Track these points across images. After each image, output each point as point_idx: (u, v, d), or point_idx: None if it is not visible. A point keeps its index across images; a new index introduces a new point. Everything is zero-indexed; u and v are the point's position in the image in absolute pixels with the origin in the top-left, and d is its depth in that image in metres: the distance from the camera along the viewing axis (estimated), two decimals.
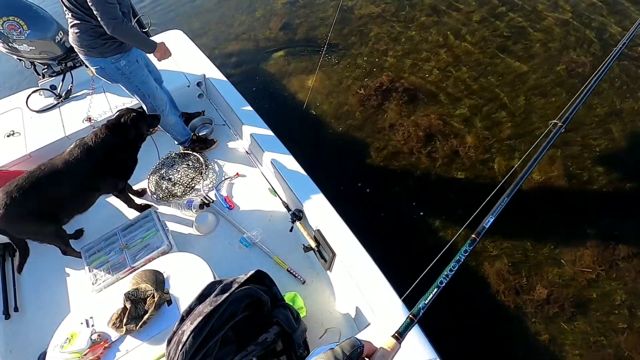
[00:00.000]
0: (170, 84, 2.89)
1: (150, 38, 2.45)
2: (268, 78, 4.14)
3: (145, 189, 2.69)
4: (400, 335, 0.78)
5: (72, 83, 3.12)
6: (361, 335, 1.53)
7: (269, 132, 2.52)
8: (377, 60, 4.00)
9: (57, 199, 2.06)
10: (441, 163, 3.04)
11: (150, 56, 2.41)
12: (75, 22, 2.09)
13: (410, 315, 0.83)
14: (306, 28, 4.63)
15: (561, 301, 2.27)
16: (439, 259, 1.26)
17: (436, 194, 2.90)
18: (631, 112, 3.15)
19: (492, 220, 1.08)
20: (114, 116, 2.24)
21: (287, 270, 2.12)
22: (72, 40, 2.19)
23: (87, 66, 2.35)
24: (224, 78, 3.08)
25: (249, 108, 2.75)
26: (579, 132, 3.07)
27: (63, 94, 3.11)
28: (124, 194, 2.39)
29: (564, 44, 3.78)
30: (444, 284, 0.89)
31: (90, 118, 2.88)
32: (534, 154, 1.37)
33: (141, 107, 2.54)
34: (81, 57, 2.26)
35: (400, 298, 1.54)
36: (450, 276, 0.91)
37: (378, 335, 1.49)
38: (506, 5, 4.27)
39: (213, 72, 3.13)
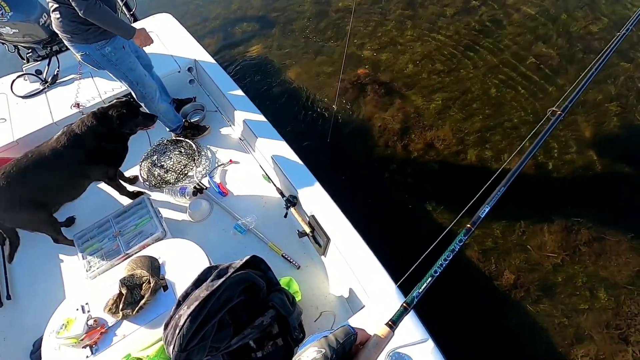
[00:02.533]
0: (160, 70, 2.84)
1: (134, 23, 2.38)
2: (244, 73, 4.12)
3: (137, 176, 2.67)
4: (393, 324, 0.79)
5: (58, 68, 3.04)
6: (355, 318, 1.57)
7: (262, 118, 2.50)
8: (353, 54, 4.03)
9: (45, 187, 2.03)
10: (417, 155, 3.11)
11: None
12: (55, 5, 2.00)
13: (404, 304, 0.84)
14: (283, 21, 4.59)
15: (527, 285, 2.37)
16: (435, 247, 1.27)
17: (428, 184, 2.95)
18: (595, 103, 3.24)
19: (487, 209, 1.08)
20: (107, 105, 2.19)
21: (282, 255, 2.14)
22: (54, 25, 2.11)
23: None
24: (215, 63, 3.02)
25: (241, 93, 2.72)
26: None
27: (49, 79, 3.03)
28: (115, 181, 2.36)
29: (533, 38, 3.87)
30: (438, 274, 0.90)
31: (78, 104, 2.81)
32: (523, 148, 1.38)
33: (132, 98, 2.48)
34: (65, 43, 2.19)
35: (396, 284, 1.57)
36: (444, 266, 0.92)
37: (372, 319, 1.54)
38: (478, 0, 4.36)
39: (204, 57, 3.07)
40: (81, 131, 2.06)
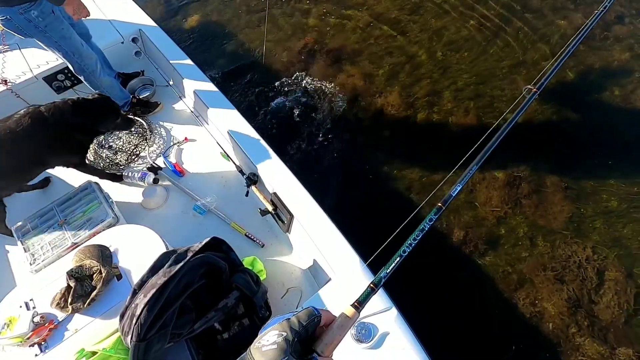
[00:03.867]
0: (100, 41, 2.57)
1: None
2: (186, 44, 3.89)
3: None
4: (359, 304, 0.76)
5: None
6: (323, 292, 1.57)
7: (215, 89, 2.36)
8: (299, 22, 3.92)
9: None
10: (368, 124, 3.14)
11: None
12: None
13: (371, 284, 0.82)
14: None
15: (475, 240, 2.54)
16: (397, 231, 1.26)
17: (395, 158, 2.98)
18: (533, 63, 3.41)
19: (459, 188, 1.07)
20: (90, 96, 1.99)
21: (245, 234, 2.09)
22: None
23: None
24: (163, 33, 2.78)
25: (191, 64, 2.53)
26: (488, 84, 3.31)
27: None
28: (83, 166, 2.14)
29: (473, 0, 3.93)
30: (406, 253, 0.87)
31: (6, 80, 2.50)
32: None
33: (70, 71, 2.23)
34: None
35: (365, 263, 1.57)
36: (413, 245, 0.89)
37: (339, 293, 1.54)
38: None
39: (150, 27, 2.81)
40: (50, 115, 1.82)
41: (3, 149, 1.77)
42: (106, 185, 2.26)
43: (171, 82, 2.75)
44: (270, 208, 1.94)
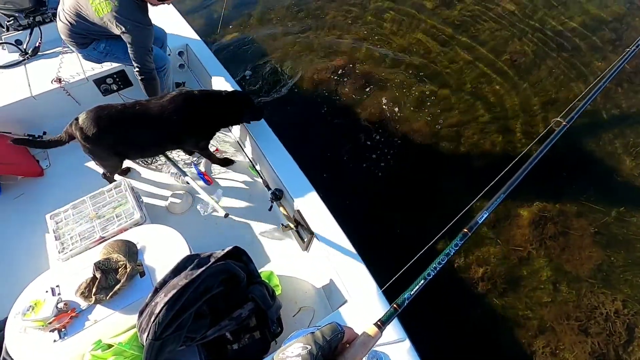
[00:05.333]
0: None
1: None
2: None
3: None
4: (382, 324, 0.78)
5: (40, 39, 2.89)
6: (337, 314, 1.57)
7: None
8: (332, 44, 4.03)
9: (136, 141, 2.07)
10: (392, 149, 3.14)
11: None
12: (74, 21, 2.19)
13: (395, 305, 0.83)
14: (261, 9, 4.52)
15: (494, 278, 2.46)
16: (420, 253, 1.27)
17: (416, 183, 2.98)
18: (567, 101, 3.34)
19: (486, 215, 1.07)
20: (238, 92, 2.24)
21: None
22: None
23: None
24: (206, 48, 2.95)
25: (232, 81, 2.66)
26: (518, 120, 3.22)
27: (30, 51, 2.88)
28: (206, 150, 2.35)
29: (509, 34, 3.98)
30: (431, 276, 0.89)
31: (60, 79, 2.69)
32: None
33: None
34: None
35: (381, 289, 1.57)
36: (438, 269, 0.90)
37: (353, 316, 1.54)
38: None
39: (196, 42, 3.00)
40: (201, 98, 2.07)
41: (151, 120, 1.98)
42: (137, 185, 2.36)
43: None
44: (292, 225, 1.97)
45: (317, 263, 1.93)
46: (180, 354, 1.48)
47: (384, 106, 3.42)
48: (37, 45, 2.89)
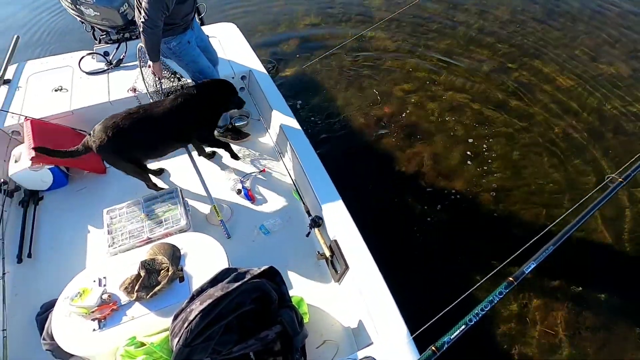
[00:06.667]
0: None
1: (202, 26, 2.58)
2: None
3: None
4: None
5: (125, 53, 3.24)
6: (362, 353, 1.53)
7: (303, 136, 2.56)
8: (384, 92, 4.10)
9: (144, 142, 2.24)
10: (428, 204, 3.06)
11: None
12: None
13: (433, 348, 0.82)
14: (322, 50, 4.69)
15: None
16: (461, 298, 1.23)
17: (454, 234, 2.90)
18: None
19: (533, 266, 1.04)
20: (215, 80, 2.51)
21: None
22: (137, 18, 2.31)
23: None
24: (268, 76, 3.16)
25: (287, 109, 2.81)
26: (566, 195, 3.06)
27: (114, 62, 3.23)
28: (213, 140, 2.60)
29: (563, 109, 3.82)
30: (473, 322, 0.87)
31: (135, 89, 2.97)
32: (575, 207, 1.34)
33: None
34: None
35: (412, 335, 1.52)
36: (480, 315, 0.88)
37: (378, 358, 1.49)
38: (515, 63, 4.38)
39: (258, 68, 3.22)
40: (198, 89, 2.33)
41: (159, 122, 2.19)
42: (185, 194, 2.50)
43: (260, 119, 3.05)
44: (327, 254, 1.98)
45: (348, 297, 1.91)
46: None
47: (424, 159, 3.39)
48: (121, 57, 3.24)
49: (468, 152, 3.44)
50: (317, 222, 2.13)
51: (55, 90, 3.00)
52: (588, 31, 4.78)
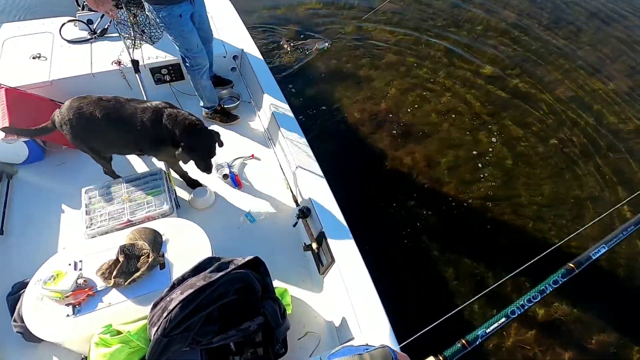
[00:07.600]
0: None
1: None
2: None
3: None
4: (445, 359, 0.68)
5: (109, 22, 3.06)
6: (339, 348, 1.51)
7: (295, 124, 2.49)
8: (381, 87, 4.03)
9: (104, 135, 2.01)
10: (416, 205, 3.04)
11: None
12: None
13: (464, 341, 0.71)
14: (321, 37, 4.58)
15: None
16: (445, 314, 1.15)
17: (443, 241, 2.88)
18: (610, 203, 3.09)
19: (604, 250, 0.86)
20: (197, 121, 2.00)
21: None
22: None
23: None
24: (261, 58, 3.04)
25: (280, 94, 2.72)
26: (553, 210, 3.07)
27: (98, 31, 3.05)
28: (173, 164, 2.30)
29: (559, 120, 3.81)
30: (516, 315, 0.74)
31: (120, 62, 2.83)
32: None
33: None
34: None
35: (399, 344, 1.50)
36: (526, 308, 0.75)
37: None
38: (516, 69, 4.35)
39: (251, 49, 3.10)
40: (168, 124, 1.93)
41: (125, 125, 1.94)
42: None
43: (251, 102, 2.96)
44: (314, 246, 1.95)
45: (332, 290, 1.89)
46: (183, 355, 1.46)
47: (416, 161, 3.35)
48: (105, 27, 3.06)
49: (461, 157, 3.41)
50: (305, 212, 2.08)
51: (33, 58, 2.83)
52: (592, 43, 4.75)
